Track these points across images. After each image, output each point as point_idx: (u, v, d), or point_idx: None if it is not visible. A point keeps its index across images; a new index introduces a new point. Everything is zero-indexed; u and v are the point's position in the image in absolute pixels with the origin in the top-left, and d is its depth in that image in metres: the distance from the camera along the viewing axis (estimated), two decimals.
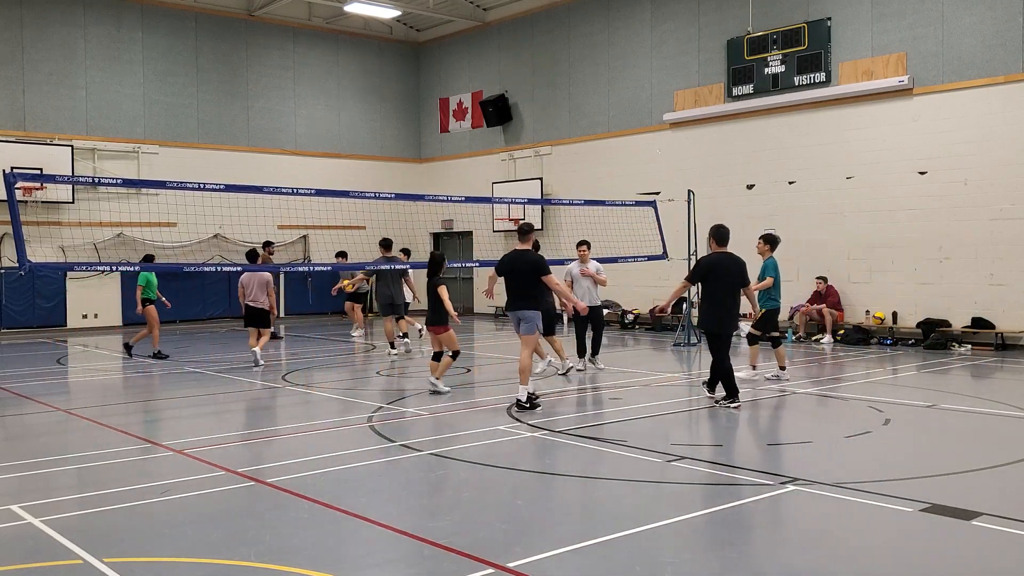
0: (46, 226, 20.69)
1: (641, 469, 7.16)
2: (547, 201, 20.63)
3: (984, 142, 15.69)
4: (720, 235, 10.15)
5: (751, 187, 19.07)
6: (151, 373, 13.61)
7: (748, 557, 5.07)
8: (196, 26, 23.31)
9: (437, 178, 26.51)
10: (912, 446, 8.20)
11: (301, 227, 23.31)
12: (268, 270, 16.68)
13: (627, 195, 19.12)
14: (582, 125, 22.68)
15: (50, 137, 21.00)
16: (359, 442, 8.29)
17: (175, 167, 22.05)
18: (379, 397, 11.04)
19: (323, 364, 14.74)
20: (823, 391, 11.32)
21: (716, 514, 5.88)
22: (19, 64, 20.83)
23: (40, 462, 7.57)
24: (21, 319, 20.72)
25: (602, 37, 22.06)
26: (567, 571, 4.90)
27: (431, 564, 5.01)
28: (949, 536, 5.47)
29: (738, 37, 19.03)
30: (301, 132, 25.09)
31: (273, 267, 20.52)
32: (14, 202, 10.15)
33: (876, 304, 17.02)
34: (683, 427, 9.32)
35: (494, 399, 10.52)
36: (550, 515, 6.07)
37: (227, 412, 10.47)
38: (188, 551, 5.21)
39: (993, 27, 15.53)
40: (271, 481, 6.75)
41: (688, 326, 17.00)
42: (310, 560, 5.01)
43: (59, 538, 5.43)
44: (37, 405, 10.54)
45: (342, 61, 25.90)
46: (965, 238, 15.95)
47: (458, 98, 26.06)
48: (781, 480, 6.63)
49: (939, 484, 6.66)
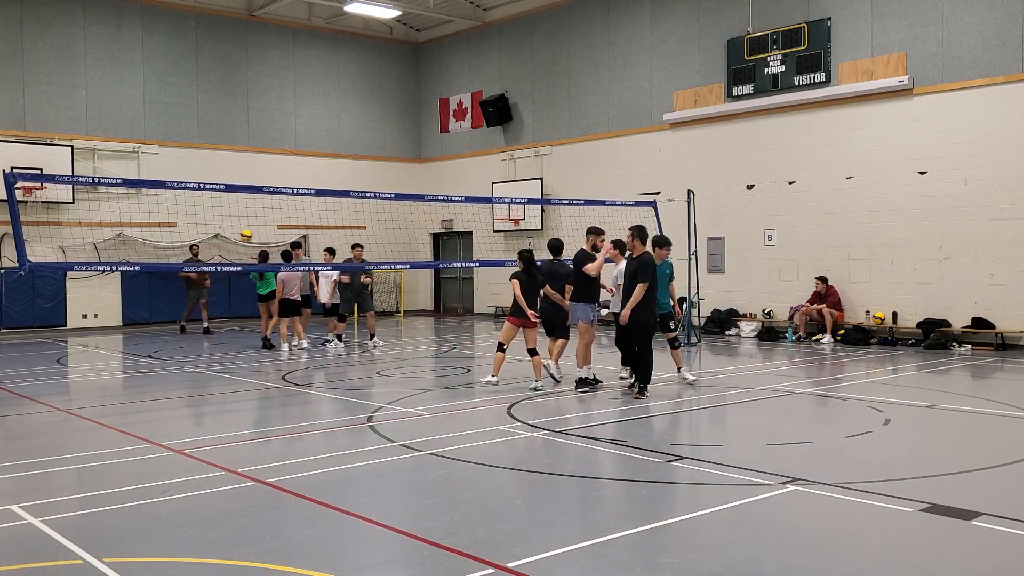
0: (46, 226, 20.69)
1: (641, 469, 7.16)
2: (547, 201, 20.63)
3: (984, 142, 15.69)
4: (646, 235, 10.84)
5: (751, 187, 19.07)
6: (151, 373, 13.61)
7: (748, 557, 5.07)
8: (196, 26, 23.31)
9: (437, 178, 26.51)
10: (912, 446, 8.20)
11: (301, 227, 23.28)
12: (268, 270, 16.72)
13: (627, 195, 19.12)
14: (582, 125, 22.68)
15: (50, 137, 21.00)
16: (359, 442, 8.29)
17: (175, 167, 22.06)
18: (379, 397, 11.05)
19: (323, 364, 14.73)
20: (823, 391, 11.32)
21: (716, 514, 5.88)
22: (19, 64, 20.83)
23: (40, 462, 7.57)
24: (21, 319, 20.72)
25: (602, 37, 22.06)
26: (567, 571, 4.89)
27: (431, 564, 5.01)
28: (949, 536, 5.47)
29: (738, 37, 19.03)
30: (301, 132, 25.09)
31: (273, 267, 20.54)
32: (14, 202, 10.16)
33: (876, 304, 17.02)
34: (683, 427, 9.32)
35: (494, 399, 10.52)
36: (550, 515, 6.07)
37: (227, 412, 10.47)
38: (188, 551, 5.21)
39: (993, 27, 15.53)
40: (271, 481, 6.75)
41: (688, 326, 17.01)
42: (310, 560, 5.01)
43: (59, 538, 5.42)
44: (37, 405, 10.54)
45: (342, 61, 25.90)
46: (965, 238, 15.95)
47: (458, 98, 26.06)
48: (781, 480, 6.63)
49: (939, 484, 6.66)
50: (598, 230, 12.04)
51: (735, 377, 12.62)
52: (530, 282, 11.39)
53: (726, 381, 12.20)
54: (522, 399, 10.49)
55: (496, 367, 11.39)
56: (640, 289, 10.29)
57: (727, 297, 19.28)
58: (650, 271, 10.37)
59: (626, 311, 10.41)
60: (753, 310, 18.96)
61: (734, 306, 19.25)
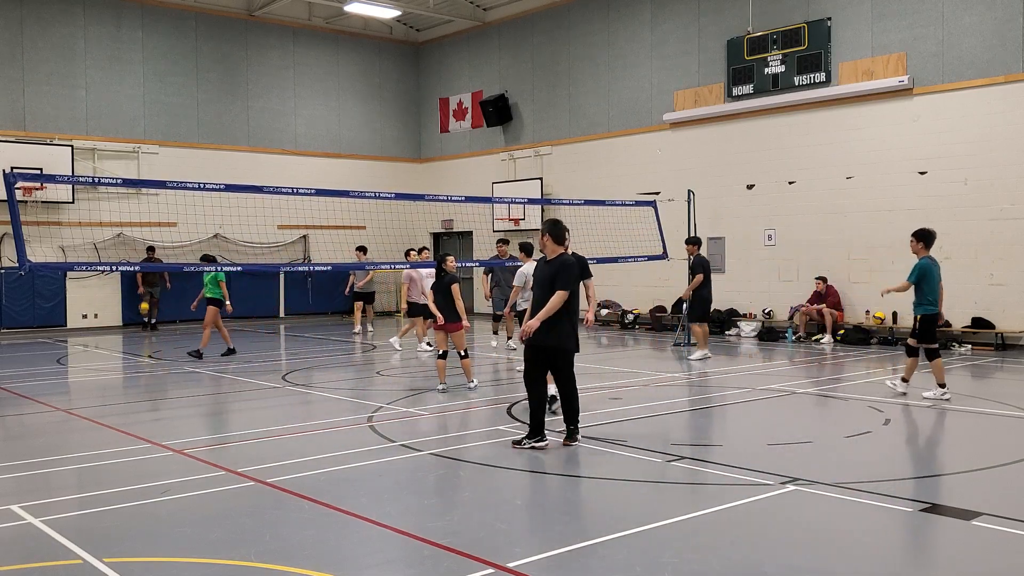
0: (46, 226, 20.69)
1: (641, 469, 7.16)
2: (547, 201, 20.63)
3: (984, 142, 15.69)
4: (562, 233, 8.28)
5: (751, 187, 19.07)
6: (151, 373, 13.61)
7: (748, 557, 5.07)
8: (196, 26, 23.31)
9: (437, 178, 26.50)
10: (912, 446, 8.20)
11: (301, 227, 23.30)
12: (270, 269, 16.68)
13: (627, 195, 19.12)
14: (582, 125, 22.68)
15: (50, 137, 21.00)
16: (359, 442, 8.28)
17: (175, 167, 22.05)
18: (379, 397, 11.04)
19: (323, 364, 14.73)
20: (823, 391, 11.32)
21: (716, 514, 5.88)
22: (19, 64, 20.83)
23: (40, 462, 7.57)
24: (21, 319, 20.72)
25: (602, 37, 22.05)
26: (567, 571, 4.89)
27: (431, 564, 5.01)
28: (949, 536, 5.47)
29: (738, 37, 19.02)
30: (301, 132, 25.09)
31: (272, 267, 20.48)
32: (14, 202, 10.15)
33: (876, 304, 17.01)
34: (683, 427, 9.31)
35: (494, 399, 10.51)
36: (550, 515, 6.07)
37: (227, 412, 10.47)
38: (188, 551, 5.21)
39: (993, 27, 15.53)
40: (271, 481, 6.75)
41: (688, 326, 16.99)
42: (310, 560, 5.01)
43: (59, 538, 5.42)
44: (37, 405, 10.53)
45: (342, 61, 25.90)
46: (965, 238, 15.94)
47: (458, 98, 26.06)
48: (781, 480, 6.63)
49: (939, 484, 6.66)
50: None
51: (735, 377, 12.62)
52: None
53: (726, 381, 12.20)
54: (522, 399, 10.48)
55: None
56: (559, 298, 7.92)
57: (727, 297, 19.26)
58: (574, 277, 8.10)
59: (535, 322, 7.96)
60: (753, 310, 18.95)
61: (734, 306, 19.25)
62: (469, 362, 11.41)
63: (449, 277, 11.34)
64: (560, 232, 8.20)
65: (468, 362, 11.37)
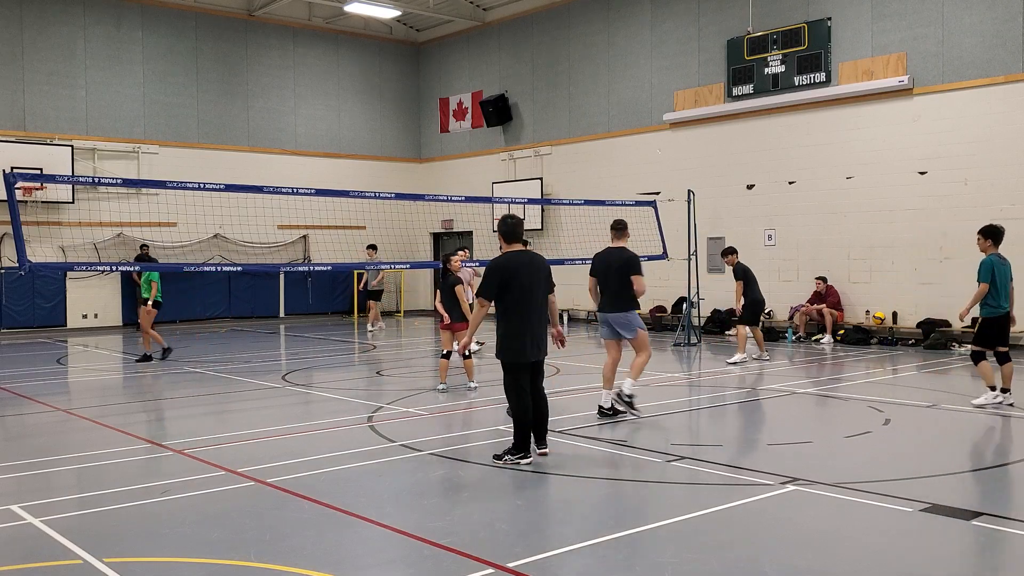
0: (46, 226, 20.68)
1: (641, 469, 7.16)
2: (547, 201, 20.63)
3: (984, 142, 15.69)
4: (513, 231, 7.42)
5: (751, 187, 19.06)
6: (151, 373, 13.60)
7: (748, 557, 5.07)
8: (196, 26, 23.30)
9: (437, 178, 26.51)
10: (912, 446, 8.20)
11: (301, 227, 23.30)
12: (270, 269, 16.71)
13: (627, 195, 19.11)
14: (582, 125, 22.67)
15: (50, 137, 20.99)
16: (359, 442, 8.28)
17: (175, 167, 22.05)
18: (379, 397, 11.04)
19: (323, 364, 14.73)
20: (823, 391, 11.32)
21: (716, 514, 5.88)
22: (19, 64, 20.82)
23: (40, 462, 7.57)
24: (21, 319, 20.71)
25: (602, 37, 22.05)
26: (567, 571, 4.89)
27: (431, 564, 5.01)
28: (949, 536, 5.47)
29: (738, 37, 19.02)
30: (301, 132, 25.08)
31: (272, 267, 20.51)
32: (14, 202, 10.15)
33: (876, 304, 17.02)
34: (683, 427, 9.31)
35: (494, 399, 10.51)
36: (550, 515, 6.07)
37: (227, 412, 10.47)
38: (188, 551, 5.21)
39: (993, 27, 15.52)
40: (271, 481, 6.75)
41: (688, 326, 17.00)
42: (310, 560, 5.01)
43: (59, 538, 5.42)
44: (37, 405, 10.53)
45: (342, 61, 25.89)
46: (965, 238, 15.90)
47: (458, 98, 26.06)
48: (781, 480, 6.63)
49: (939, 484, 6.66)
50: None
51: (735, 377, 12.62)
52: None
53: (726, 381, 12.20)
54: None
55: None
56: (476, 308, 7.24)
57: (727, 297, 19.22)
58: (491, 285, 7.20)
59: (467, 338, 7.69)
60: None
61: (734, 306, 19.21)
62: (472, 363, 11.41)
63: (453, 278, 11.41)
64: (509, 228, 7.34)
65: (471, 362, 11.38)
